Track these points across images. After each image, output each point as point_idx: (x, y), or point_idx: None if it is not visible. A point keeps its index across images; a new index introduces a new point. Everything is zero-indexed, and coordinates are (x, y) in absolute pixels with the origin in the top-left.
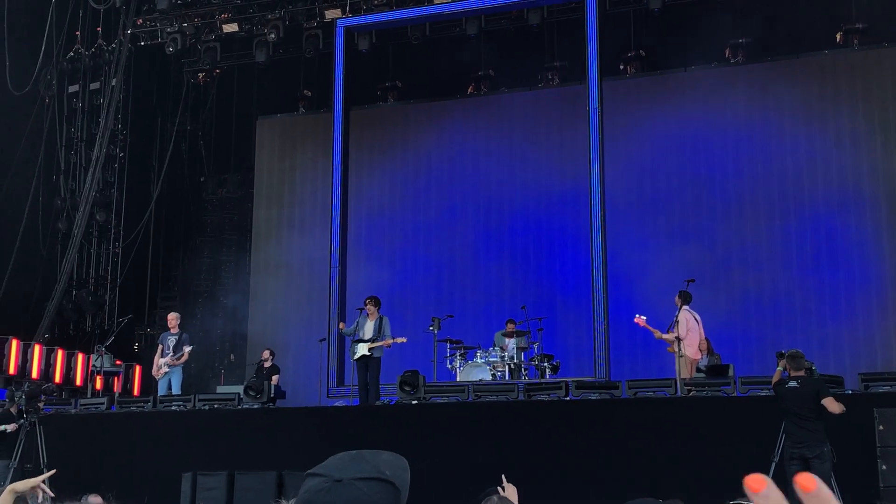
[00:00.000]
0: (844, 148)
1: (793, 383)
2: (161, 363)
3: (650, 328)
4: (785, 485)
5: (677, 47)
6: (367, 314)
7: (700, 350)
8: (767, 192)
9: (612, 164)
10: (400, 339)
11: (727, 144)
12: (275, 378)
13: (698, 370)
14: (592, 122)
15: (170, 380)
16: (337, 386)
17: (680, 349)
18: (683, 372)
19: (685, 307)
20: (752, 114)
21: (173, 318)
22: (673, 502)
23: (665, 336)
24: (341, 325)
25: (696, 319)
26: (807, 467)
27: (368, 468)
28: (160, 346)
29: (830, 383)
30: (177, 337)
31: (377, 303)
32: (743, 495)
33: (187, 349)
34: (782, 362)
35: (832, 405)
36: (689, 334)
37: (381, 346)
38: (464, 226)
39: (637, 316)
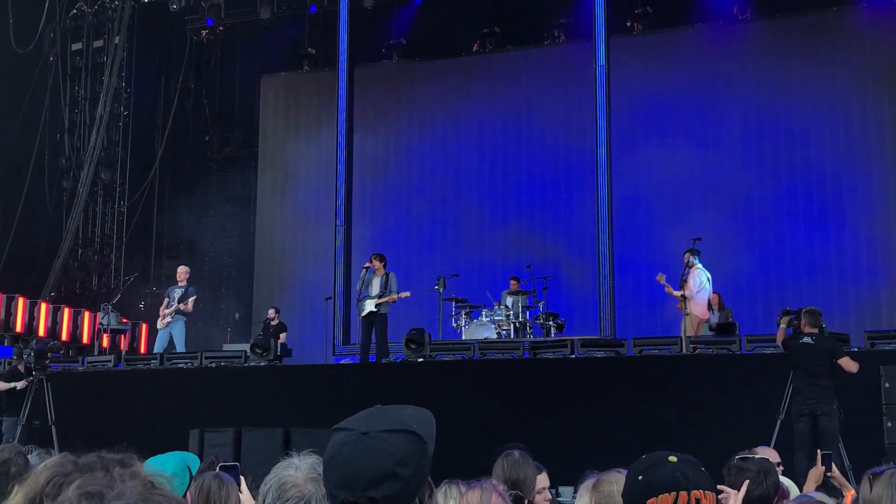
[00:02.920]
0: (852, 105)
1: (807, 339)
2: (165, 312)
3: (668, 287)
4: (791, 442)
5: (685, 4)
6: (374, 271)
7: (711, 307)
8: (775, 150)
9: (617, 122)
10: (403, 294)
11: (734, 102)
12: (282, 336)
13: (709, 329)
14: (599, 79)
15: (171, 333)
16: (343, 344)
17: (686, 307)
18: (689, 330)
19: (698, 265)
20: (760, 71)
21: (182, 272)
22: (686, 457)
23: (676, 293)
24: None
25: (707, 278)
26: (815, 424)
27: (394, 421)
28: (166, 299)
29: (838, 341)
30: (183, 290)
31: (382, 259)
32: (746, 449)
33: (192, 299)
34: (785, 319)
35: (849, 364)
36: (699, 293)
37: (387, 302)
38: (469, 184)
39: (659, 274)
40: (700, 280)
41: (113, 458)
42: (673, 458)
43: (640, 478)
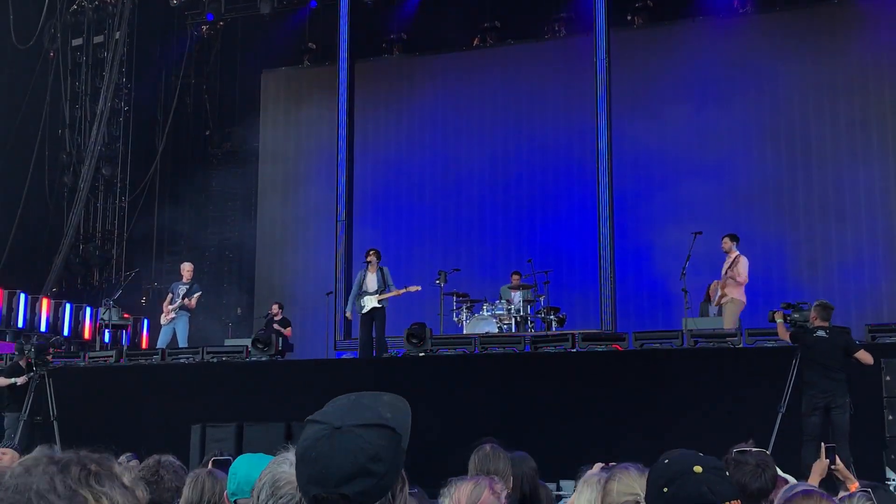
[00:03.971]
0: (853, 99)
1: (821, 333)
2: (169, 308)
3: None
4: (791, 434)
5: None
6: (368, 266)
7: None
8: (775, 143)
9: (618, 116)
10: (414, 288)
11: (735, 95)
12: (288, 330)
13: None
14: (599, 73)
15: (174, 328)
16: (344, 339)
17: (724, 294)
18: (733, 318)
19: (736, 250)
20: (761, 64)
21: (188, 268)
22: (709, 464)
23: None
24: (348, 314)
25: None
26: (827, 418)
27: (369, 414)
28: (170, 295)
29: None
30: (188, 286)
31: (379, 254)
32: (743, 443)
33: (196, 295)
34: (779, 314)
35: (866, 357)
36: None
37: (388, 298)
38: (470, 179)
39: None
40: (747, 266)
41: (91, 457)
42: (698, 469)
43: (666, 490)
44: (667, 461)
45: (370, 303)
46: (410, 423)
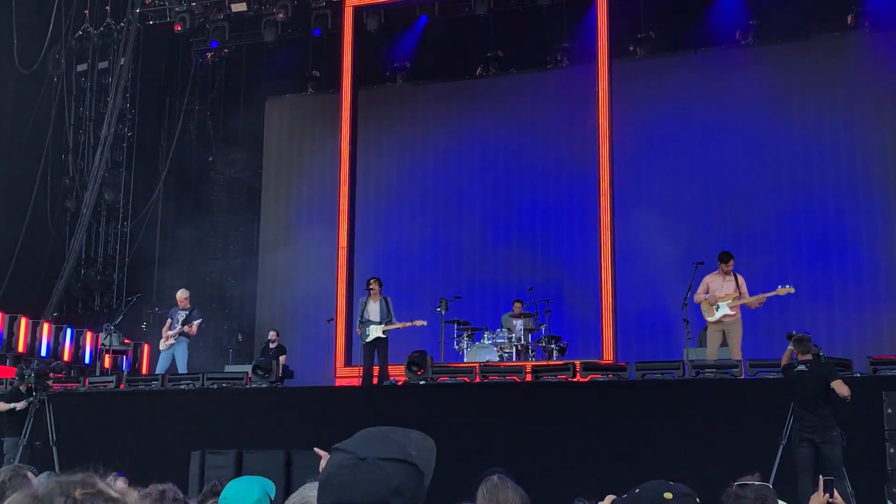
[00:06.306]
0: (854, 131)
1: (801, 367)
2: (168, 334)
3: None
4: (793, 465)
5: (687, 29)
6: (370, 294)
7: None
8: (776, 175)
9: (620, 146)
10: (419, 322)
11: (736, 126)
12: (282, 358)
13: None
14: (601, 103)
15: (173, 354)
16: (344, 366)
17: (737, 315)
18: (739, 341)
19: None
20: (762, 96)
21: (182, 297)
22: (680, 491)
23: (752, 299)
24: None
25: None
26: (817, 452)
27: (394, 449)
28: (169, 320)
29: (839, 367)
30: (187, 312)
31: (380, 283)
32: (747, 475)
33: (196, 322)
34: (793, 343)
35: (841, 388)
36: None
37: (391, 329)
38: (472, 207)
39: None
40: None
41: (73, 482)
42: (668, 496)
43: None
44: (638, 490)
45: (374, 332)
46: (434, 463)
